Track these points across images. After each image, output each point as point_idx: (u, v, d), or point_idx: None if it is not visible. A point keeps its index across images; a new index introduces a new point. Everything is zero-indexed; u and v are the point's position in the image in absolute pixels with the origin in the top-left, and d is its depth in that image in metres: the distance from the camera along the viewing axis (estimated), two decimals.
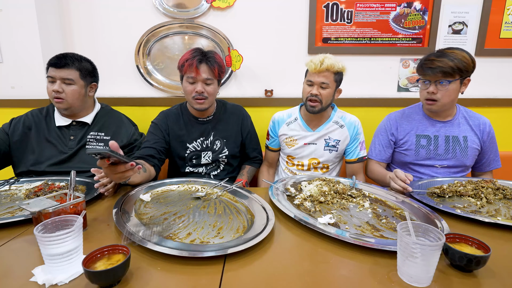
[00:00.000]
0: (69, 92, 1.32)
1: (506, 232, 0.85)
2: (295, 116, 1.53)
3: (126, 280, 0.63)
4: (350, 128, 1.49)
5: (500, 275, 0.66)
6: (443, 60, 1.22)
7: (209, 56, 1.30)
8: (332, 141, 1.48)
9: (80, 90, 1.35)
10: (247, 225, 0.87)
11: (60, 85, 1.31)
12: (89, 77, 1.39)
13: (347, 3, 1.82)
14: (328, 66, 1.32)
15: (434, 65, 1.23)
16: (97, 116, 1.44)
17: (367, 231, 0.84)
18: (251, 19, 1.85)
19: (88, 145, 1.37)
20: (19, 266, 0.68)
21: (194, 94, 1.31)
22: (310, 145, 1.49)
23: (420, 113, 1.42)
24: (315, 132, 1.49)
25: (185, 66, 1.27)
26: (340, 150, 1.50)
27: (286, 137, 1.53)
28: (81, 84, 1.35)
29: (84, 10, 1.85)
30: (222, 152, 1.44)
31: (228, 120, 1.47)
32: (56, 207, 0.77)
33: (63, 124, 1.38)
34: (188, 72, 1.29)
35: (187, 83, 1.32)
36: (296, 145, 1.51)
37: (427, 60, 1.27)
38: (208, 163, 1.44)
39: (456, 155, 1.35)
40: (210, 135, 1.43)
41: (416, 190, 1.11)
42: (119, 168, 0.81)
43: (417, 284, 0.61)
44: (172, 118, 1.43)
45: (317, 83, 1.36)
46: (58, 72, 1.30)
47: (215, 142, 1.43)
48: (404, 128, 1.42)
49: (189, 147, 1.42)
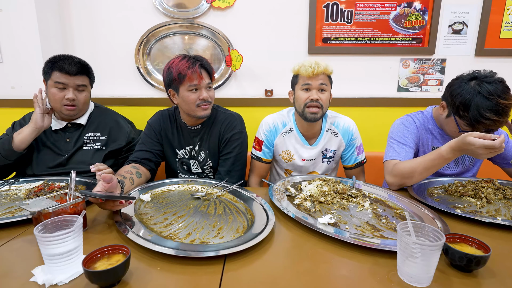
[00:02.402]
0: (82, 99, 1.33)
1: (506, 232, 0.85)
2: (291, 126, 1.41)
3: (126, 280, 0.63)
4: (345, 136, 1.41)
5: (500, 275, 0.66)
6: (503, 121, 1.06)
7: (202, 61, 1.25)
8: (330, 152, 1.42)
9: (88, 95, 1.38)
10: (247, 225, 0.87)
11: (73, 92, 1.30)
12: (92, 81, 1.41)
13: (347, 3, 1.82)
14: (325, 68, 1.26)
15: (496, 127, 1.08)
16: (91, 116, 1.43)
17: (367, 231, 0.84)
18: (251, 19, 1.85)
19: (85, 147, 1.37)
20: (19, 266, 0.68)
21: (198, 102, 1.23)
22: (308, 161, 1.42)
23: (432, 124, 1.31)
24: (312, 147, 1.40)
25: (187, 75, 1.20)
26: (336, 157, 1.46)
27: (283, 150, 1.43)
28: (89, 90, 1.38)
29: (84, 10, 1.85)
30: (206, 163, 1.38)
31: (213, 131, 1.35)
32: (56, 207, 0.77)
33: (59, 127, 1.37)
34: (190, 81, 1.21)
35: (190, 93, 1.23)
36: (294, 160, 1.42)
37: (489, 119, 1.05)
38: (199, 172, 1.40)
39: (465, 165, 1.33)
40: (196, 145, 1.37)
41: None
42: (109, 202, 0.86)
43: (417, 284, 0.61)
44: (166, 119, 1.38)
45: (316, 87, 1.26)
46: (72, 79, 1.29)
47: (200, 153, 1.37)
48: (422, 137, 1.32)
49: (179, 153, 1.38)
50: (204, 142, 1.36)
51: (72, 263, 0.63)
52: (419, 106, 1.86)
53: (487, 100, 1.06)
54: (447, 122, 1.22)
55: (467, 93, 1.09)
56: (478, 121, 1.07)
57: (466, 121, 1.11)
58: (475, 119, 1.07)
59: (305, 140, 1.40)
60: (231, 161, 1.32)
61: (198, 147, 1.37)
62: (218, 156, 1.37)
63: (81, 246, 0.66)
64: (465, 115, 1.10)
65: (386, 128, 1.41)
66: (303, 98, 1.28)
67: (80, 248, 0.66)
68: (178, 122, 1.38)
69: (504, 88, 1.08)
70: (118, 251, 0.65)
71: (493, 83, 1.07)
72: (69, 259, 0.62)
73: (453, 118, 1.17)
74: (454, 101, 1.13)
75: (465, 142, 0.99)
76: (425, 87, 1.95)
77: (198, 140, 1.36)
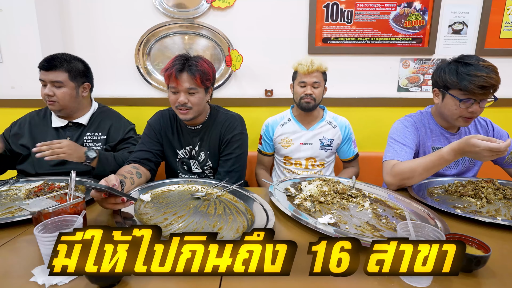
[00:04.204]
0: (59, 95, 1.31)
1: (506, 232, 0.85)
2: (288, 117, 1.62)
3: (126, 280, 0.63)
4: (342, 128, 1.59)
5: (500, 275, 0.66)
6: (493, 77, 1.10)
7: (191, 64, 1.18)
8: (327, 140, 1.58)
9: (70, 92, 1.33)
10: (247, 225, 0.87)
11: (50, 88, 1.30)
12: (79, 78, 1.36)
13: (347, 3, 1.82)
14: (318, 66, 1.45)
15: (489, 83, 1.10)
16: (93, 117, 1.43)
17: (367, 231, 0.84)
18: (251, 19, 1.86)
19: (85, 146, 1.37)
20: (19, 266, 0.68)
21: (177, 104, 1.22)
22: (306, 145, 1.56)
23: (432, 123, 1.33)
24: (309, 131, 1.57)
25: (166, 76, 1.19)
26: (334, 148, 1.61)
27: (282, 138, 1.59)
28: (71, 86, 1.34)
29: (84, 10, 1.86)
30: (206, 164, 1.37)
31: (213, 131, 1.35)
32: (56, 207, 0.77)
33: (60, 125, 1.38)
34: (170, 83, 1.20)
35: (171, 93, 1.23)
36: (292, 145, 1.58)
37: (477, 76, 1.10)
38: (200, 172, 1.40)
39: (465, 164, 1.33)
40: (196, 145, 1.36)
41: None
42: (110, 199, 0.85)
43: (417, 284, 0.61)
44: (166, 119, 1.38)
45: (310, 83, 1.48)
46: (47, 75, 1.29)
47: (200, 153, 1.36)
48: (423, 137, 1.32)
49: (179, 153, 1.38)
50: (204, 143, 1.35)
51: None
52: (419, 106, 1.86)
53: (470, 64, 1.14)
54: (445, 105, 1.22)
55: (451, 69, 1.18)
56: (471, 81, 1.10)
57: (461, 88, 1.13)
58: (467, 80, 1.11)
59: (302, 126, 1.59)
60: (231, 162, 1.32)
61: (198, 147, 1.36)
62: (218, 157, 1.37)
63: None
64: (457, 83, 1.14)
65: (386, 128, 1.41)
66: (299, 93, 1.51)
67: None
68: (178, 122, 1.38)
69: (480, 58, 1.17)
70: None
71: (471, 57, 1.17)
72: None
73: (449, 95, 1.18)
74: (443, 78, 1.19)
75: (469, 143, 0.99)
76: (425, 87, 1.95)
77: (198, 140, 1.35)
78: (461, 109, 1.16)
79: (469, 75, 1.11)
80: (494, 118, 1.41)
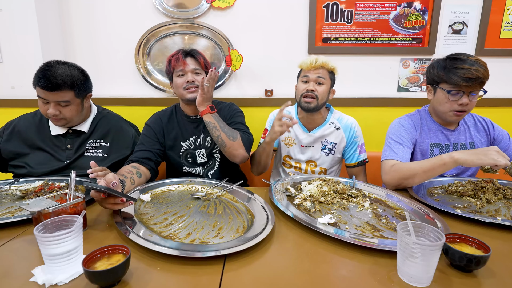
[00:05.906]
0: (67, 113, 1.24)
1: (506, 232, 0.85)
2: (292, 116, 1.50)
3: (126, 280, 0.63)
4: (347, 130, 1.46)
5: (500, 275, 0.66)
6: (479, 70, 1.13)
7: (194, 51, 1.40)
8: (329, 144, 1.47)
9: (77, 107, 1.27)
10: (247, 225, 0.87)
11: (55, 107, 1.21)
12: (83, 91, 1.28)
13: (347, 3, 1.82)
14: (323, 63, 1.36)
15: (474, 75, 1.13)
16: (94, 123, 1.38)
17: (367, 231, 0.84)
18: (251, 19, 1.85)
19: (87, 153, 1.33)
20: (19, 266, 0.68)
21: (185, 85, 1.35)
22: (307, 148, 1.48)
23: (429, 120, 1.35)
24: (311, 134, 1.47)
25: (172, 61, 1.36)
26: (337, 153, 1.48)
27: (286, 135, 1.52)
28: (77, 102, 1.27)
29: (84, 10, 1.85)
30: (214, 147, 1.44)
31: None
32: (56, 207, 0.77)
33: (59, 133, 1.33)
34: (176, 67, 1.36)
35: (177, 78, 1.37)
36: (294, 145, 1.51)
37: (463, 68, 1.15)
38: (205, 161, 1.44)
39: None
40: (201, 133, 1.43)
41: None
42: (110, 199, 0.86)
43: (417, 284, 0.61)
44: (165, 118, 1.44)
45: (313, 79, 1.37)
46: (50, 95, 1.19)
47: (207, 139, 1.43)
48: (420, 136, 1.33)
49: (183, 145, 1.42)
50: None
51: (72, 263, 0.63)
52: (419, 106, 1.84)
53: (457, 59, 1.19)
54: (437, 100, 1.27)
55: (440, 64, 1.23)
56: (456, 73, 1.16)
57: (447, 80, 1.19)
58: (453, 72, 1.16)
59: (304, 127, 1.49)
60: (238, 126, 1.41)
61: (204, 134, 1.43)
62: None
63: (81, 246, 0.66)
64: (443, 76, 1.20)
65: (386, 128, 1.41)
66: (301, 89, 1.39)
67: (80, 248, 0.66)
68: (178, 116, 1.45)
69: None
70: (118, 251, 0.65)
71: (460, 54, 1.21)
72: (69, 259, 0.62)
73: (439, 89, 1.24)
74: (433, 74, 1.25)
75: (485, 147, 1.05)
76: (425, 87, 1.94)
77: (203, 127, 1.42)
78: (451, 102, 1.21)
79: (455, 68, 1.17)
80: (494, 118, 1.41)
